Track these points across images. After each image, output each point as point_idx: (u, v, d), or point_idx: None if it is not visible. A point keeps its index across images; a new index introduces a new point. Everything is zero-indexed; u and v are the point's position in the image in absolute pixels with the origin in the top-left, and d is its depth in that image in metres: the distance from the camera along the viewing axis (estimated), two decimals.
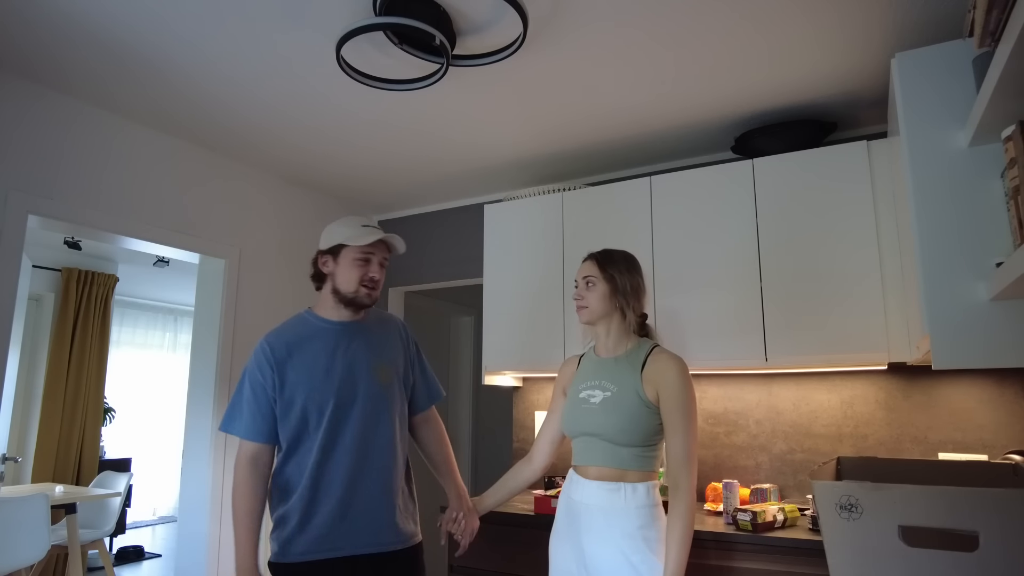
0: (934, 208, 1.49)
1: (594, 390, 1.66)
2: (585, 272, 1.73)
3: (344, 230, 1.67)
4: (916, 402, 2.25)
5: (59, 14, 1.82)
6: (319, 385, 1.59)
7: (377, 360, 1.69)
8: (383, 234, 1.66)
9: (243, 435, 1.59)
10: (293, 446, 1.60)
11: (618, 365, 1.68)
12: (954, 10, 1.78)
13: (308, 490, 1.57)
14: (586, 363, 1.78)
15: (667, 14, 1.81)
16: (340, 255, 1.66)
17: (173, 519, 6.47)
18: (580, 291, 1.72)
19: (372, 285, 1.66)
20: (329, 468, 1.58)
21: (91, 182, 2.39)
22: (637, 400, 1.59)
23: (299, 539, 1.57)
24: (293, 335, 1.65)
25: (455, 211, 3.51)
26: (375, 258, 1.67)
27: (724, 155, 2.77)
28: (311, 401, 1.58)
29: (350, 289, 1.65)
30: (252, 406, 1.59)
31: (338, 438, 1.60)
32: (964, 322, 1.43)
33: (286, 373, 1.59)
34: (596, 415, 1.62)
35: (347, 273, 1.65)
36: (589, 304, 1.70)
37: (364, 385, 1.64)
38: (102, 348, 5.03)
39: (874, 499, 1.18)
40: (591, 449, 1.63)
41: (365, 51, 1.98)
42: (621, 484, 1.57)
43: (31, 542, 2.95)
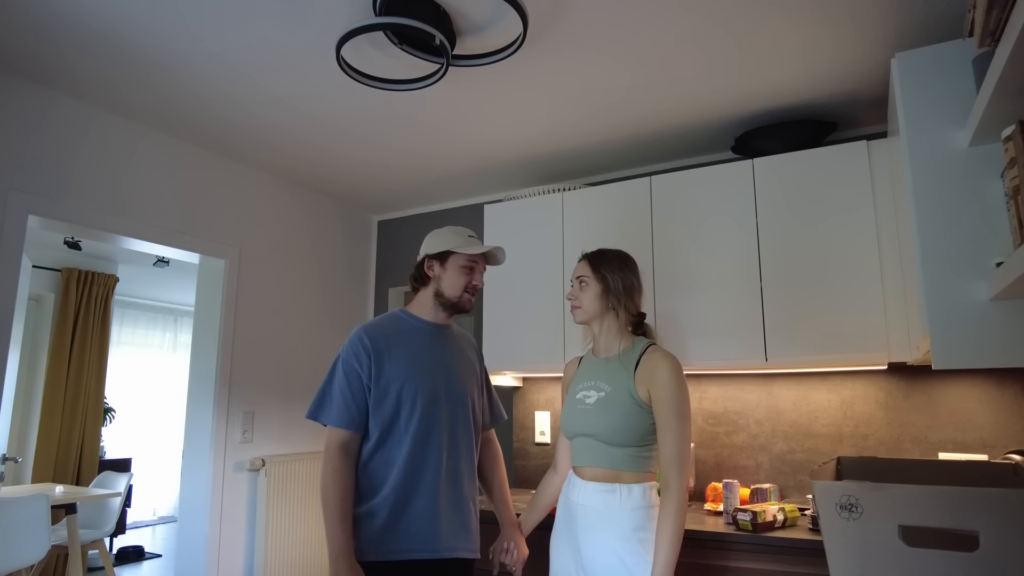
0: (934, 208, 1.49)
1: (589, 391, 1.67)
2: (578, 272, 1.74)
3: (453, 238, 1.73)
4: (916, 402, 2.25)
5: (59, 14, 1.82)
6: (416, 376, 1.62)
7: (463, 366, 1.75)
8: (491, 246, 1.73)
9: (335, 423, 1.57)
10: (383, 437, 1.59)
11: (612, 365, 1.68)
12: (954, 10, 1.78)
13: (401, 484, 1.56)
14: (585, 364, 1.79)
15: (667, 14, 1.81)
16: (448, 261, 1.72)
17: (173, 519, 6.48)
18: (574, 291, 1.73)
19: (474, 292, 1.74)
20: (423, 462, 1.59)
21: (91, 182, 2.39)
22: (630, 400, 1.58)
23: (391, 536, 1.54)
24: (390, 328, 1.68)
25: (455, 211, 3.50)
26: (478, 267, 1.74)
27: (724, 155, 2.77)
28: (406, 390, 1.60)
29: (455, 294, 1.71)
30: (346, 394, 1.58)
31: (432, 432, 1.61)
32: (964, 322, 1.43)
33: (383, 362, 1.60)
34: (590, 415, 1.63)
35: (454, 278, 1.71)
36: (582, 304, 1.71)
37: (454, 386, 1.69)
38: (102, 348, 5.03)
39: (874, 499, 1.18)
40: (587, 450, 1.64)
41: (365, 51, 1.98)
42: (616, 485, 1.57)
43: (31, 542, 2.95)
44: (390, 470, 1.57)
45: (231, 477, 2.84)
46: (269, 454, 3.01)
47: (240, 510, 2.87)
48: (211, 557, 2.72)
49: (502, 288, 2.80)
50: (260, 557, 2.88)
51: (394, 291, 3.66)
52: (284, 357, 3.15)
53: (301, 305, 3.28)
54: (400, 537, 1.54)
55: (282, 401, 3.11)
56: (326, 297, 3.44)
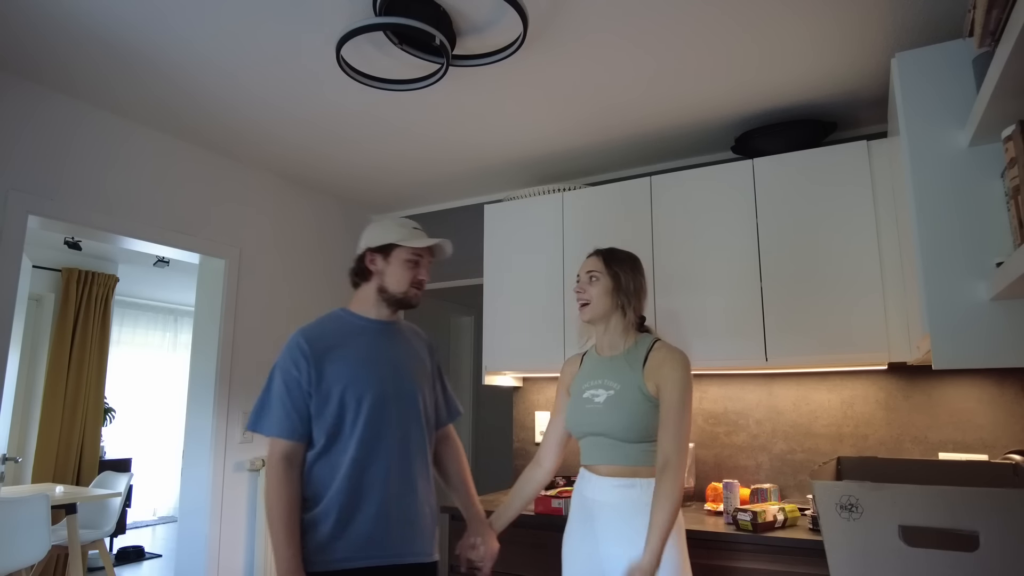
0: (934, 208, 1.49)
1: (597, 389, 1.65)
2: (589, 267, 1.71)
3: (396, 230, 1.63)
4: (916, 402, 2.25)
5: (60, 14, 1.82)
6: (360, 376, 1.54)
7: (414, 363, 1.67)
8: (437, 239, 1.65)
9: (275, 433, 1.49)
10: (328, 443, 1.51)
11: (619, 362, 1.67)
12: (954, 10, 1.78)
13: (347, 490, 1.49)
14: (587, 362, 1.77)
15: (667, 14, 1.81)
16: (391, 255, 1.62)
17: (173, 519, 6.47)
18: (582, 285, 1.70)
19: (420, 286, 1.65)
20: (372, 466, 1.51)
21: (91, 182, 2.39)
22: (640, 396, 1.58)
23: (337, 544, 1.47)
24: (330, 329, 1.59)
25: (455, 211, 3.51)
26: (424, 260, 1.65)
27: (724, 155, 2.77)
28: (350, 392, 1.51)
29: (400, 289, 1.62)
30: (285, 402, 1.50)
31: (380, 433, 1.53)
32: (964, 322, 1.43)
33: (324, 366, 1.52)
34: (600, 414, 1.61)
35: (398, 273, 1.62)
36: (591, 299, 1.68)
37: (404, 384, 1.60)
38: (102, 348, 5.03)
39: (874, 499, 1.18)
40: (600, 448, 1.62)
41: (365, 51, 1.98)
42: (636, 480, 1.56)
43: (31, 542, 2.95)
44: (335, 476, 1.49)
45: (231, 477, 2.84)
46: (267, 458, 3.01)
47: (240, 510, 2.87)
48: (211, 557, 2.72)
49: (502, 288, 2.80)
50: (260, 557, 2.88)
51: None
52: None
53: (301, 305, 3.28)
54: (348, 544, 1.47)
55: None
56: (326, 297, 3.44)
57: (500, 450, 4.48)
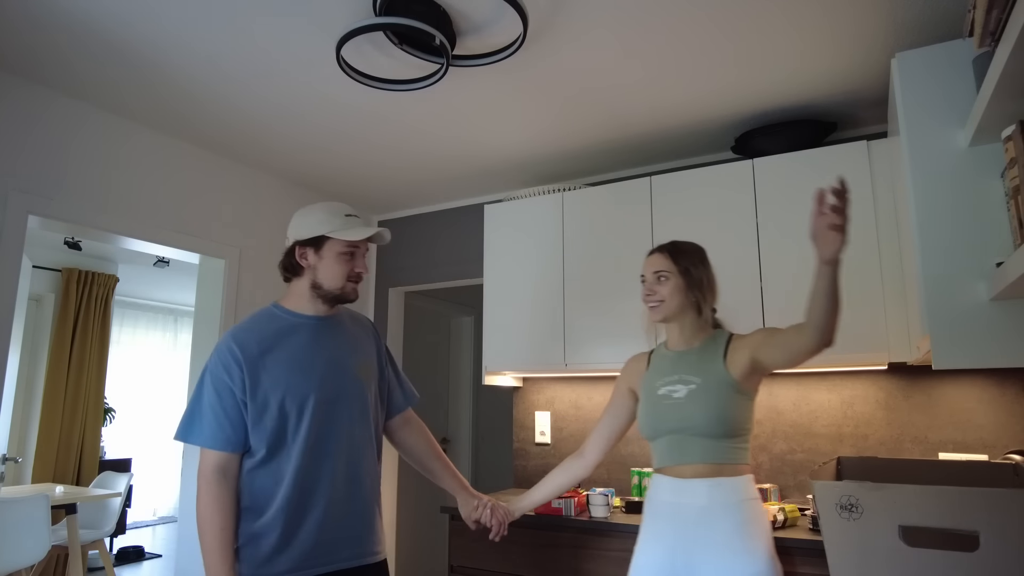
0: (934, 208, 1.50)
1: (675, 385, 1.57)
2: (656, 266, 1.63)
3: (327, 219, 1.49)
4: (916, 402, 2.25)
5: (60, 14, 1.82)
6: (298, 381, 1.43)
7: (356, 357, 1.56)
8: (373, 229, 1.52)
9: (206, 444, 1.38)
10: (270, 453, 1.41)
11: (696, 356, 1.59)
12: (954, 10, 1.78)
13: (292, 500, 1.40)
14: (658, 359, 1.69)
15: (667, 14, 1.81)
16: (323, 248, 1.49)
17: (173, 519, 6.48)
18: (650, 286, 1.62)
19: (359, 279, 1.53)
20: (317, 472, 1.43)
21: (91, 182, 2.39)
22: (726, 388, 1.52)
23: (282, 557, 1.39)
24: (264, 330, 1.47)
25: (455, 211, 3.50)
26: (360, 251, 1.52)
27: (724, 155, 2.77)
28: (290, 400, 1.41)
29: (336, 285, 1.50)
30: (217, 411, 1.39)
31: (325, 438, 1.45)
32: (964, 322, 1.43)
33: (258, 372, 1.41)
34: (683, 409, 1.53)
35: (332, 268, 1.49)
36: (664, 299, 1.60)
37: (347, 382, 1.50)
38: (102, 348, 5.03)
39: (874, 499, 1.18)
40: (682, 447, 1.53)
41: (365, 51, 1.98)
42: (720, 479, 1.49)
43: (31, 542, 2.95)
44: (279, 486, 1.40)
45: None
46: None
47: None
48: None
49: (502, 288, 2.80)
50: None
51: (394, 291, 3.66)
52: None
53: None
54: (294, 556, 1.39)
55: None
56: None
57: (500, 450, 4.48)
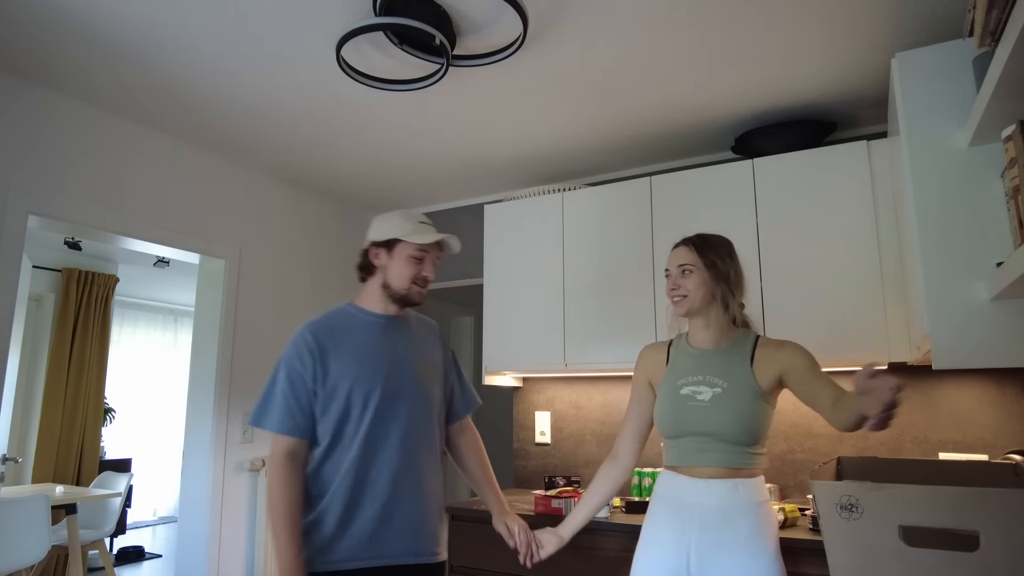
0: (934, 208, 1.49)
1: (699, 386, 1.54)
2: (680, 259, 1.59)
3: (401, 224, 1.58)
4: (916, 402, 2.24)
5: (60, 14, 1.82)
6: (366, 373, 1.50)
7: (421, 359, 1.62)
8: (442, 235, 1.59)
9: (278, 430, 1.47)
10: (334, 441, 1.49)
11: (723, 357, 1.56)
12: (954, 10, 1.78)
13: (350, 488, 1.46)
14: (680, 355, 1.64)
15: (666, 14, 1.81)
16: (395, 249, 1.58)
17: (173, 519, 6.47)
18: (675, 280, 1.58)
19: (424, 283, 1.60)
20: (375, 464, 1.49)
21: (91, 182, 2.39)
22: (752, 395, 1.50)
23: (339, 544, 1.45)
24: (337, 324, 1.57)
25: (455, 211, 3.50)
26: (429, 256, 1.60)
27: (724, 155, 2.77)
28: (356, 389, 1.49)
29: (402, 286, 1.57)
30: (289, 399, 1.48)
31: (384, 431, 1.50)
32: (964, 322, 1.43)
33: (329, 362, 1.49)
34: (708, 413, 1.51)
35: (400, 269, 1.57)
36: (688, 293, 1.56)
37: (410, 381, 1.57)
38: (102, 348, 5.03)
39: (874, 499, 1.18)
40: (703, 450, 1.52)
41: (365, 51, 1.98)
42: (737, 481, 1.49)
43: (31, 542, 2.95)
44: (337, 475, 1.47)
45: (231, 477, 2.84)
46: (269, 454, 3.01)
47: (240, 510, 2.87)
48: (211, 557, 2.72)
49: (502, 288, 2.80)
50: (260, 557, 2.88)
51: None
52: None
53: (301, 305, 3.28)
54: (349, 544, 1.45)
55: None
56: (326, 297, 3.43)
57: (500, 450, 4.48)
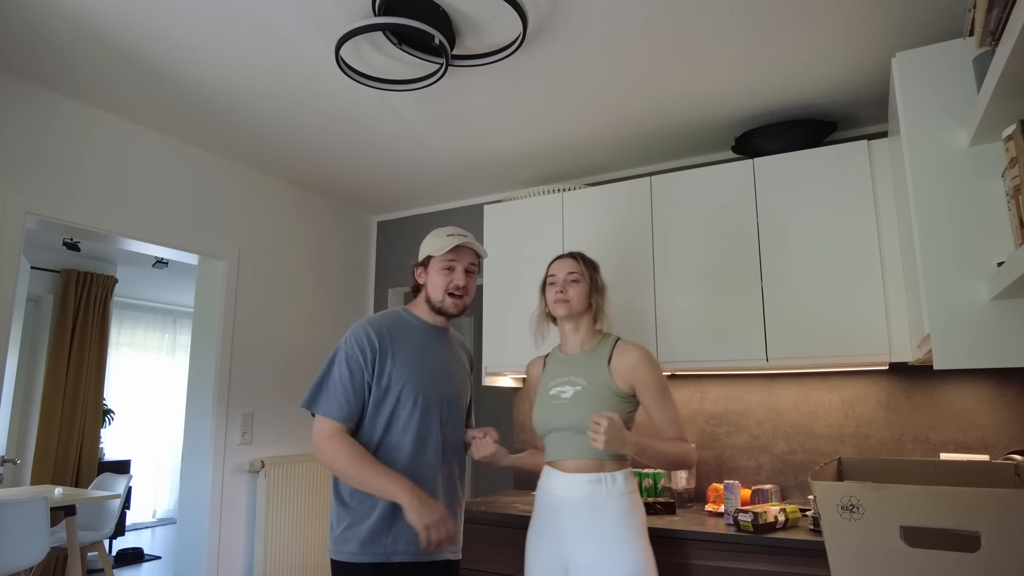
0: (934, 208, 1.49)
1: (564, 386, 1.75)
2: (569, 268, 1.80)
3: (433, 241, 1.70)
4: (917, 402, 2.24)
5: (60, 14, 1.82)
6: (417, 375, 1.60)
7: (459, 368, 1.75)
8: (460, 239, 1.66)
9: (330, 415, 1.52)
10: (385, 435, 1.56)
11: (584, 360, 1.77)
12: (954, 10, 1.78)
13: None
14: (552, 362, 1.86)
15: (666, 15, 1.81)
16: (429, 266, 1.70)
17: (173, 521, 6.46)
18: (562, 286, 1.78)
19: (458, 293, 1.68)
20: (423, 461, 1.57)
21: (90, 183, 2.39)
22: (607, 391, 1.70)
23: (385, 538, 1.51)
24: (393, 325, 1.65)
25: (455, 211, 3.50)
26: (459, 265, 1.68)
27: (724, 155, 2.76)
28: (407, 391, 1.57)
29: (437, 298, 1.68)
30: (347, 386, 1.54)
31: (429, 434, 1.59)
32: (965, 322, 1.42)
33: (386, 359, 1.58)
34: (568, 409, 1.70)
35: (434, 281, 1.68)
36: (571, 299, 1.77)
37: (450, 389, 1.68)
38: (101, 350, 5.03)
39: (875, 499, 1.18)
40: (566, 444, 1.70)
41: (364, 51, 1.98)
42: (601, 475, 1.66)
43: (30, 544, 2.94)
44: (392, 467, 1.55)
45: (230, 479, 2.84)
46: (268, 456, 3.01)
47: (240, 512, 2.87)
48: (210, 559, 2.72)
49: (502, 288, 2.80)
50: (259, 559, 2.87)
51: (393, 292, 3.66)
52: (283, 358, 3.14)
53: (300, 306, 3.28)
54: (392, 539, 1.52)
55: (282, 403, 3.10)
56: (325, 298, 3.43)
57: None
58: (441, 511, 1.46)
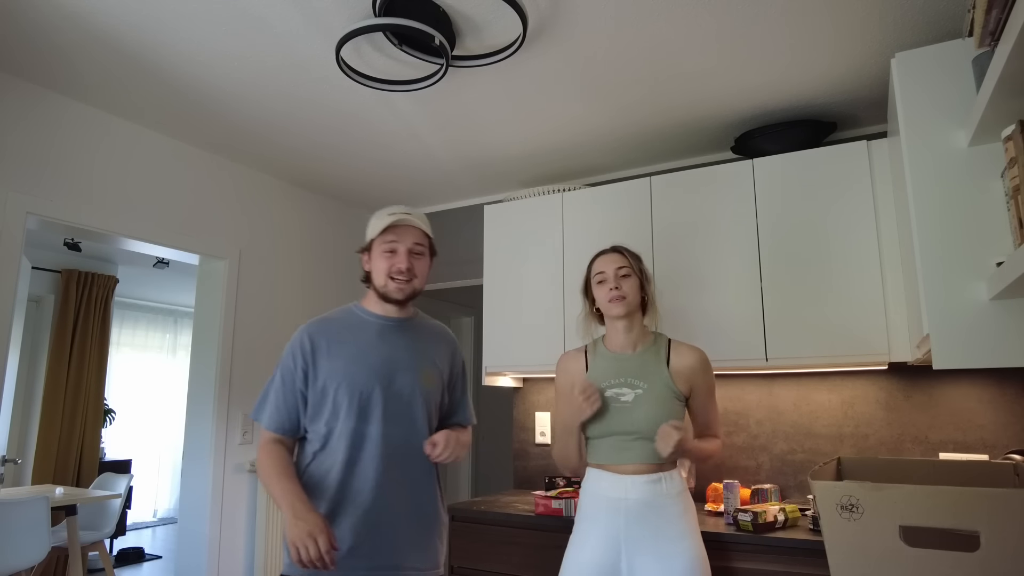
0: (934, 208, 1.49)
1: (621, 388, 1.67)
2: (618, 263, 1.73)
3: (374, 223, 1.57)
4: (917, 402, 2.24)
5: (61, 15, 1.82)
6: (355, 374, 1.49)
7: (422, 364, 1.58)
8: (396, 217, 1.52)
9: (265, 425, 1.50)
10: (324, 443, 1.48)
11: (640, 361, 1.70)
12: (954, 10, 1.78)
13: (332, 494, 1.44)
14: (600, 360, 1.75)
15: (666, 15, 1.81)
16: (372, 250, 1.58)
17: (173, 520, 6.47)
18: (615, 281, 1.69)
19: (401, 276, 1.53)
20: (359, 469, 1.45)
21: (91, 183, 2.39)
22: (669, 393, 1.66)
23: None
24: (335, 324, 1.56)
25: (455, 211, 3.50)
26: (401, 246, 1.54)
27: (724, 155, 2.77)
28: (345, 390, 1.47)
29: (380, 283, 1.55)
30: (279, 396, 1.50)
31: (371, 437, 1.47)
32: (965, 322, 1.43)
33: (320, 362, 1.49)
34: (632, 413, 1.64)
35: (377, 267, 1.56)
36: (627, 295, 1.69)
37: (403, 383, 1.52)
38: (102, 350, 5.03)
39: (875, 499, 1.18)
40: (628, 448, 1.64)
41: (365, 52, 1.98)
42: (661, 474, 1.64)
43: (31, 544, 2.95)
44: (325, 480, 1.45)
45: (231, 478, 2.84)
46: None
47: (240, 511, 2.87)
48: (211, 558, 2.72)
49: (502, 288, 2.80)
50: (260, 558, 2.88)
51: None
52: None
53: (300, 306, 3.28)
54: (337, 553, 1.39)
55: None
56: (326, 298, 3.43)
57: (500, 451, 4.48)
58: (317, 527, 1.30)
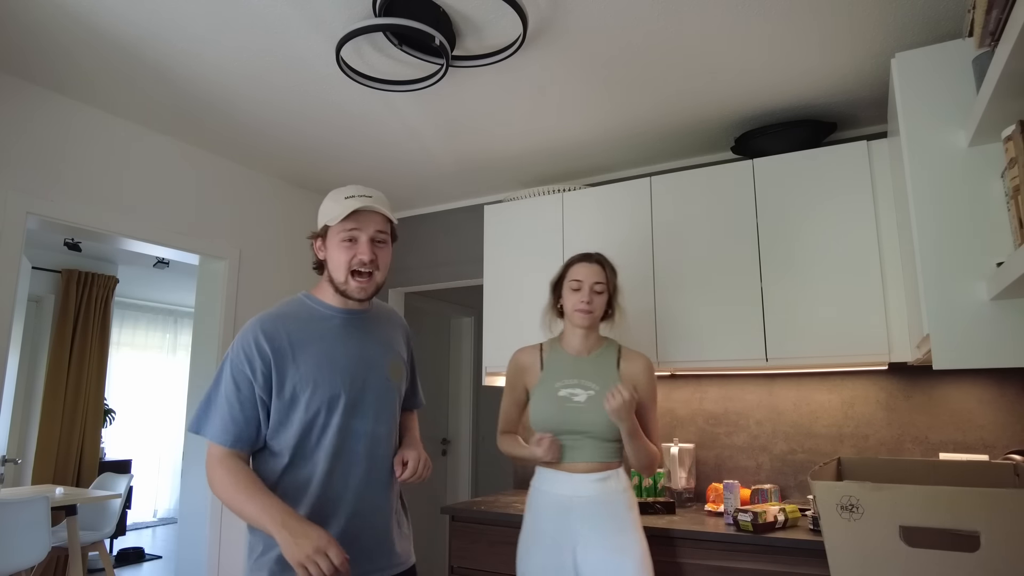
0: (934, 208, 1.49)
1: (575, 388, 1.76)
2: (596, 278, 1.78)
3: (329, 206, 1.36)
4: (917, 402, 2.24)
5: (61, 15, 1.83)
6: (328, 379, 1.32)
7: (389, 357, 1.45)
8: (359, 202, 1.32)
9: (215, 439, 1.28)
10: (296, 455, 1.31)
11: (593, 364, 1.80)
12: (954, 10, 1.78)
13: (316, 506, 1.31)
14: (555, 358, 1.84)
15: (666, 15, 1.81)
16: (328, 237, 1.37)
17: (174, 520, 6.47)
18: (588, 295, 1.76)
19: (364, 268, 1.35)
20: (339, 479, 1.33)
21: (91, 183, 2.39)
22: None
23: None
24: (291, 321, 1.35)
25: (455, 211, 3.50)
26: (363, 235, 1.34)
27: (724, 155, 2.77)
28: (317, 397, 1.31)
29: (339, 278, 1.35)
30: (232, 405, 1.28)
31: (348, 442, 1.34)
32: (965, 322, 1.43)
33: (286, 367, 1.30)
34: (584, 414, 1.72)
35: (335, 258, 1.35)
36: (595, 310, 1.77)
37: (374, 381, 1.40)
38: (102, 350, 5.03)
39: (875, 499, 1.18)
40: (578, 447, 1.74)
41: (365, 52, 1.98)
42: (609, 472, 1.74)
43: (31, 544, 2.95)
44: (302, 493, 1.30)
45: None
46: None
47: None
48: (211, 558, 2.72)
49: (502, 288, 2.80)
50: None
51: (394, 291, 3.66)
52: None
53: None
54: None
55: None
56: None
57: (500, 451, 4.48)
58: (322, 539, 1.16)
